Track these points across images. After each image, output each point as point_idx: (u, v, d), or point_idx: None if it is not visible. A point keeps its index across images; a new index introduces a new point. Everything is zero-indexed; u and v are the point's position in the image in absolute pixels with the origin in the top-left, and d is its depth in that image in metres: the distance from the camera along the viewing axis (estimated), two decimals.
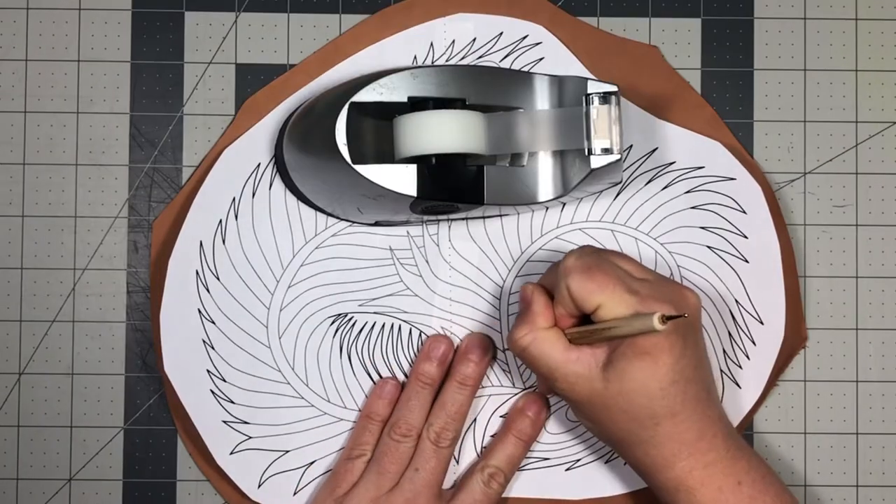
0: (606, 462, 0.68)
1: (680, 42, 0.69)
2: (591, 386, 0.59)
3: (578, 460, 0.68)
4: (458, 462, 0.68)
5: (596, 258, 0.60)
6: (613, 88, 0.61)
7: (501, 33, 0.69)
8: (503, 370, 0.68)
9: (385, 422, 0.67)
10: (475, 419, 0.68)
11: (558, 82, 0.64)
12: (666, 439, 0.59)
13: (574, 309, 0.59)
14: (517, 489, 0.68)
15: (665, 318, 0.54)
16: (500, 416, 0.68)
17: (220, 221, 0.68)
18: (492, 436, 0.68)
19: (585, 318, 0.60)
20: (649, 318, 0.55)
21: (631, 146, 0.68)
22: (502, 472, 0.66)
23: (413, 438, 0.65)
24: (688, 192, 0.68)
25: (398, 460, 0.65)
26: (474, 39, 0.69)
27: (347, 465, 0.66)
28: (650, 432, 0.59)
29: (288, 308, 0.68)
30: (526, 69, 0.68)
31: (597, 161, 0.61)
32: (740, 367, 0.68)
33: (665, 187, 0.68)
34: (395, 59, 0.68)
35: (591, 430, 0.63)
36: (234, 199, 0.68)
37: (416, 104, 0.62)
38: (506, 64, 0.68)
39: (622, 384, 0.58)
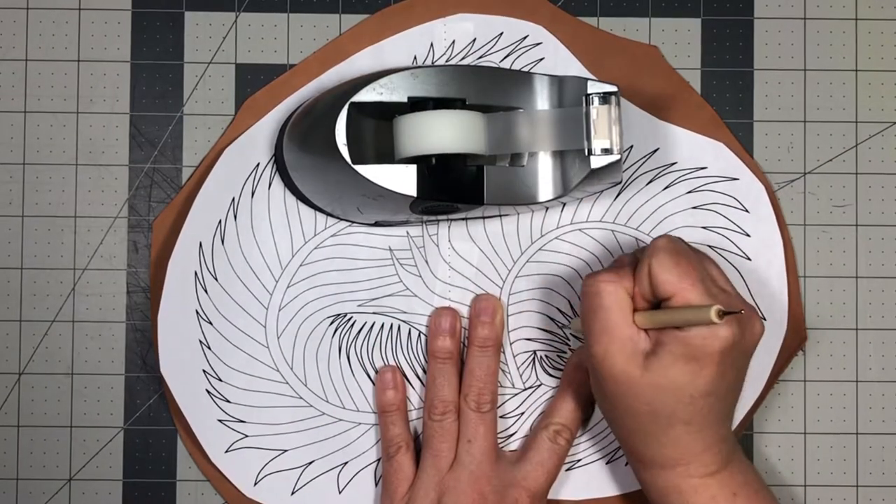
0: (607, 462, 0.68)
1: (680, 42, 0.69)
2: (627, 367, 0.58)
3: (579, 460, 0.68)
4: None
5: (687, 250, 0.59)
6: (613, 88, 0.61)
7: (501, 33, 0.69)
8: (502, 370, 0.68)
9: (402, 408, 0.67)
10: None
11: (558, 82, 0.64)
12: (672, 443, 0.59)
13: (648, 291, 0.58)
14: None
15: (722, 314, 0.54)
16: (500, 416, 0.68)
17: (220, 222, 0.68)
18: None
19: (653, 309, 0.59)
20: (707, 310, 0.54)
21: (631, 146, 0.68)
22: (567, 427, 0.66)
23: (453, 413, 0.65)
24: (689, 192, 0.68)
25: (447, 438, 0.65)
26: (474, 40, 0.69)
27: (393, 465, 0.66)
28: (661, 431, 0.59)
29: (287, 308, 0.68)
30: (526, 69, 0.68)
31: (597, 161, 0.61)
32: None
33: (666, 187, 0.68)
34: (395, 59, 0.68)
35: (600, 406, 0.63)
36: (233, 200, 0.68)
37: (416, 104, 0.62)
38: (506, 64, 0.68)
39: (659, 378, 0.57)
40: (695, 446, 0.59)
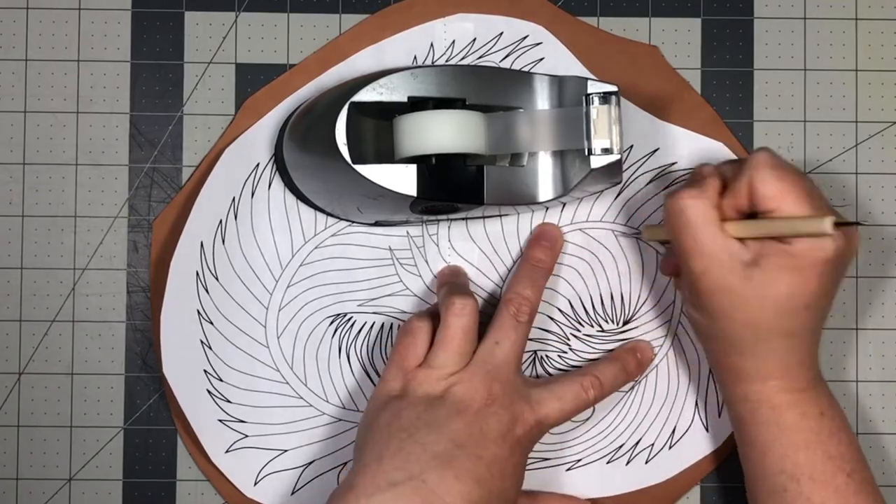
0: (607, 462, 0.68)
1: (680, 42, 0.69)
2: (727, 278, 0.58)
3: (579, 460, 0.68)
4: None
5: (789, 164, 0.59)
6: (613, 88, 0.61)
7: (501, 33, 0.69)
8: None
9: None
10: None
11: (558, 82, 0.64)
12: (770, 355, 0.59)
13: (746, 204, 0.58)
14: None
15: (837, 224, 0.54)
16: None
17: (221, 221, 0.68)
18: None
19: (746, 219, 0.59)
20: (819, 221, 0.54)
21: (631, 146, 0.68)
22: (602, 384, 0.64)
23: (473, 310, 0.62)
24: None
25: (466, 335, 0.62)
26: (474, 39, 0.69)
27: (408, 340, 0.63)
28: (760, 342, 0.59)
29: (287, 308, 0.68)
30: (526, 69, 0.68)
31: (597, 161, 0.61)
32: None
33: (667, 187, 0.68)
34: (395, 59, 0.68)
35: (693, 321, 0.62)
36: (233, 199, 0.68)
37: (416, 104, 0.62)
38: (506, 64, 0.68)
39: (762, 289, 0.57)
40: (789, 359, 0.60)
